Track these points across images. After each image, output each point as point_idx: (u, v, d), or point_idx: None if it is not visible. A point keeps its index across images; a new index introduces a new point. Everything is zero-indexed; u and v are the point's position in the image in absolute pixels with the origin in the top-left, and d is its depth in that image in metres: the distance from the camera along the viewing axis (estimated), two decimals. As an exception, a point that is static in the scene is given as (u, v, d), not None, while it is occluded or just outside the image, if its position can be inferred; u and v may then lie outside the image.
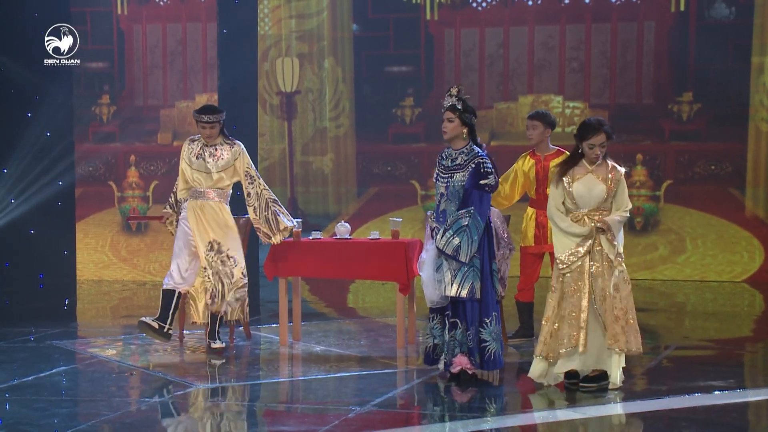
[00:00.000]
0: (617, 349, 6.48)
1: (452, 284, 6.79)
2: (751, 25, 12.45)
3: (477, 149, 6.98)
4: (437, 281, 6.85)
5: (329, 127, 13.69)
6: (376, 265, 8.07)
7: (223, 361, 7.47)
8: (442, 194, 6.97)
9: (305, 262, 8.19)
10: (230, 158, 7.94)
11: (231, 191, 8.06)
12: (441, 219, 6.90)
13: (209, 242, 7.84)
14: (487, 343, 6.86)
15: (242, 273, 7.92)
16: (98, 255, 13.38)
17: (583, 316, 6.49)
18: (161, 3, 13.67)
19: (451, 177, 6.93)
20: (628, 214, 6.65)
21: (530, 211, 8.26)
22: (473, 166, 6.88)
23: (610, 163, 6.67)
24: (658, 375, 7.27)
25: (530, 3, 13.11)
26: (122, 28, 13.59)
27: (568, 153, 8.22)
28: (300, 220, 8.45)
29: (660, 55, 12.74)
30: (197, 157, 7.95)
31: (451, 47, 13.29)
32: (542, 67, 13.08)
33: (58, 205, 12.67)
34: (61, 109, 12.56)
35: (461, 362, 6.87)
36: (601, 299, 6.51)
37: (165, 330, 7.80)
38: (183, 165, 7.99)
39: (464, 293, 6.77)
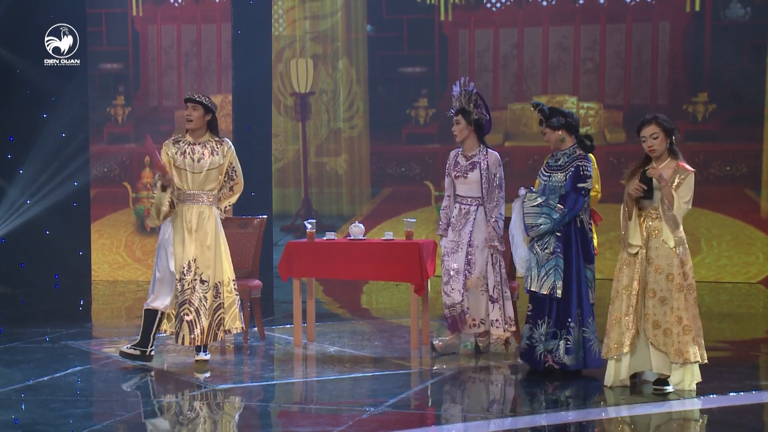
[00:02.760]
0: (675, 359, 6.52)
1: (536, 280, 7.05)
2: (766, 25, 12.41)
3: (579, 151, 7.15)
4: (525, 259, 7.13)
5: (343, 127, 13.70)
6: (390, 266, 8.06)
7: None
8: (539, 191, 7.21)
9: (319, 263, 8.19)
10: (220, 156, 7.52)
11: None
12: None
13: (187, 263, 7.37)
14: (591, 342, 7.05)
15: (213, 294, 7.43)
16: (113, 256, 13.42)
17: (628, 318, 6.55)
18: (176, 4, 13.71)
19: (550, 177, 7.15)
20: (682, 204, 6.51)
21: None
22: (573, 169, 7.07)
23: (680, 163, 6.58)
24: (672, 376, 7.25)
25: (545, 3, 13.09)
26: (137, 29, 13.64)
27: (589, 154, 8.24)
28: (314, 220, 8.45)
29: (675, 55, 12.71)
30: (183, 155, 7.45)
31: (465, 48, 13.29)
32: (557, 67, 13.07)
33: (73, 205, 12.72)
34: (76, 111, 12.62)
35: (548, 359, 7.12)
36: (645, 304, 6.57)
37: (147, 353, 7.50)
38: (169, 168, 7.44)
39: (545, 291, 7.01)
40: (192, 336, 7.38)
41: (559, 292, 7.00)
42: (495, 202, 7.69)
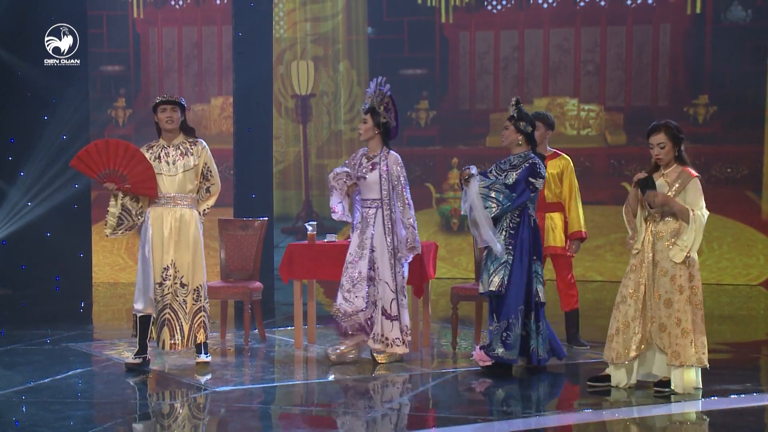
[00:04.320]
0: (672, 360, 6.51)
1: (494, 276, 7.16)
2: (767, 27, 12.41)
3: (532, 155, 7.26)
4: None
5: (344, 129, 13.70)
6: (390, 268, 8.05)
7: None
8: None
9: (320, 265, 8.18)
10: (194, 157, 7.42)
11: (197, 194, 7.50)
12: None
13: (166, 266, 7.33)
14: (531, 340, 7.16)
15: (193, 299, 7.41)
16: (114, 257, 13.43)
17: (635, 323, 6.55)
18: (177, 6, 13.71)
19: (506, 176, 7.22)
20: (698, 212, 6.52)
21: None
22: (527, 164, 7.20)
23: (685, 168, 6.60)
24: (673, 378, 7.24)
25: (545, 5, 13.10)
26: (138, 31, 13.65)
27: (565, 155, 8.25)
28: (315, 222, 8.45)
29: (675, 57, 12.72)
30: (158, 159, 7.39)
31: (466, 50, 13.29)
32: (557, 69, 13.07)
33: (74, 207, 12.73)
34: (77, 112, 12.63)
35: (477, 355, 7.29)
36: (651, 306, 6.56)
37: (147, 359, 7.53)
38: None
39: (493, 287, 7.15)
40: (172, 341, 7.37)
41: (503, 289, 7.13)
42: (402, 204, 7.52)
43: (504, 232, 7.18)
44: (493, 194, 7.13)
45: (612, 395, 6.59)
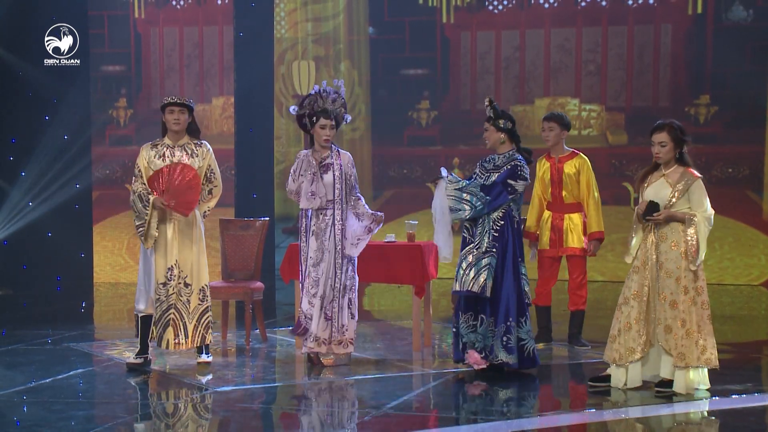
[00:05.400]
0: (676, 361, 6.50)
1: (476, 278, 7.03)
2: (768, 27, 12.41)
3: (517, 155, 7.17)
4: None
5: (345, 130, 13.69)
6: (391, 268, 8.06)
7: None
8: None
9: (321, 265, 8.17)
10: (199, 158, 7.42)
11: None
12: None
13: (170, 267, 7.35)
14: (525, 342, 7.07)
15: (199, 298, 7.41)
16: (115, 257, 13.43)
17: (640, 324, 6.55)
18: (178, 6, 13.72)
19: (489, 178, 7.14)
20: (705, 215, 6.55)
21: (546, 214, 8.22)
22: (510, 166, 7.09)
23: (688, 169, 6.60)
24: (674, 379, 7.23)
25: (546, 6, 13.10)
26: (139, 32, 13.65)
27: (582, 155, 8.23)
28: (316, 222, 8.43)
29: (677, 57, 12.71)
30: (163, 159, 7.39)
31: (467, 50, 13.29)
32: (558, 69, 13.07)
33: (75, 207, 12.73)
34: (79, 113, 12.63)
35: (471, 358, 7.15)
36: (654, 307, 6.56)
37: (149, 359, 7.54)
38: (145, 172, 7.40)
39: (475, 288, 7.02)
40: (176, 341, 7.37)
41: (488, 291, 7.01)
42: (355, 200, 7.50)
43: (488, 235, 7.10)
44: (466, 196, 7.04)
45: (613, 395, 6.59)
